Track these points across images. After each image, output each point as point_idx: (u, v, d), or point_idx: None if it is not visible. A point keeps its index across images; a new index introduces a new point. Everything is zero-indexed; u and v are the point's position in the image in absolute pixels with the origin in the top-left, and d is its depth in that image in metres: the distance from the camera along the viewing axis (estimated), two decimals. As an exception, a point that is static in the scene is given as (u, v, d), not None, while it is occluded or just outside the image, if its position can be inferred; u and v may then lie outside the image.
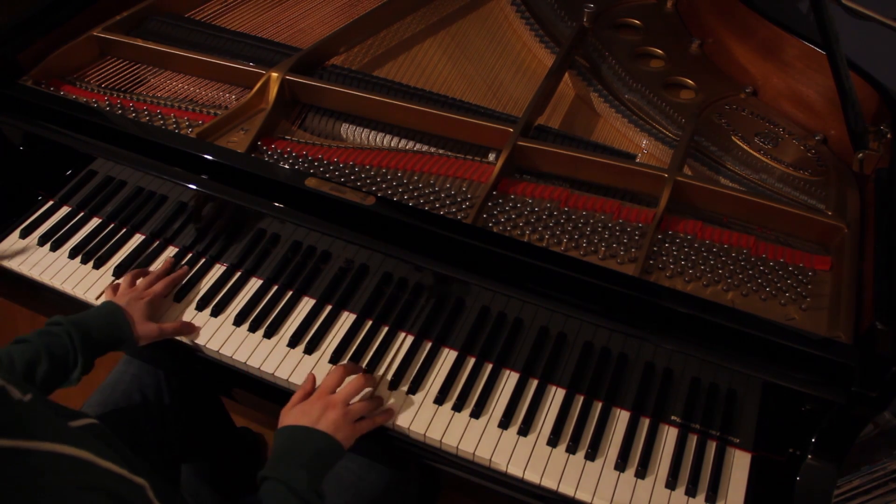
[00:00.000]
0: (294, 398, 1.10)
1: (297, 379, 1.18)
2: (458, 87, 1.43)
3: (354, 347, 1.21)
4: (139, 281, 1.23)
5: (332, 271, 1.24)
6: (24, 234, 1.37)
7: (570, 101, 1.45)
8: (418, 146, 1.36)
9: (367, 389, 1.14)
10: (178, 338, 1.22)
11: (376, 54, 1.49)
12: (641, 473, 1.09)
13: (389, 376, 1.17)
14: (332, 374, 1.12)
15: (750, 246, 1.17)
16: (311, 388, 1.11)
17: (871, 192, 1.21)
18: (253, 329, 1.23)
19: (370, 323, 1.24)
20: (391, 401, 1.15)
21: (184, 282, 1.29)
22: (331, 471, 1.17)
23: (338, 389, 1.10)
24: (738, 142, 1.34)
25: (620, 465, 1.09)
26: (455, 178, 1.26)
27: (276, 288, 1.28)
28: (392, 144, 1.37)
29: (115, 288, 1.24)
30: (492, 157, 1.31)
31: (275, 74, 1.35)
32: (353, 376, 1.14)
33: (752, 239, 1.18)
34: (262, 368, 1.19)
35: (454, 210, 1.20)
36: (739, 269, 1.13)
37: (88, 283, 1.29)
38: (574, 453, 1.11)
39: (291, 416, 1.06)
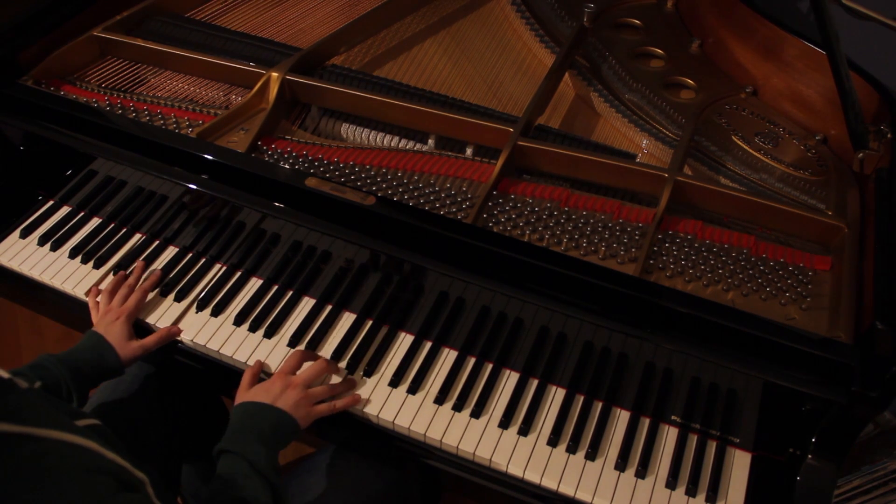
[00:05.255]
0: (244, 380, 1.13)
1: (298, 379, 1.18)
2: (458, 87, 1.43)
3: (355, 347, 1.21)
4: (115, 297, 1.23)
5: (332, 271, 1.24)
6: (24, 234, 1.37)
7: (570, 100, 1.45)
8: (418, 146, 1.36)
9: (330, 375, 1.16)
10: (178, 338, 1.23)
11: (376, 54, 1.49)
12: (641, 473, 1.09)
13: (389, 376, 1.17)
14: (292, 356, 1.15)
15: (750, 246, 1.17)
16: (258, 370, 1.16)
17: (872, 192, 1.21)
18: (253, 329, 1.23)
19: (370, 323, 1.24)
20: (389, 400, 1.15)
21: (184, 281, 1.29)
22: (330, 470, 1.18)
23: (298, 372, 1.13)
24: (738, 142, 1.34)
25: (620, 465, 1.09)
26: (455, 178, 1.26)
27: (276, 288, 1.28)
28: (392, 144, 1.37)
29: (97, 306, 1.23)
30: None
31: (275, 74, 1.35)
32: (314, 361, 1.16)
33: (752, 239, 1.18)
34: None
35: (454, 210, 1.20)
36: (739, 269, 1.13)
37: (88, 283, 1.29)
38: (574, 453, 1.11)
39: (251, 393, 1.09)
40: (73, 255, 1.33)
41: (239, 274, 1.30)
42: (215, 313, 1.25)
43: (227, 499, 0.94)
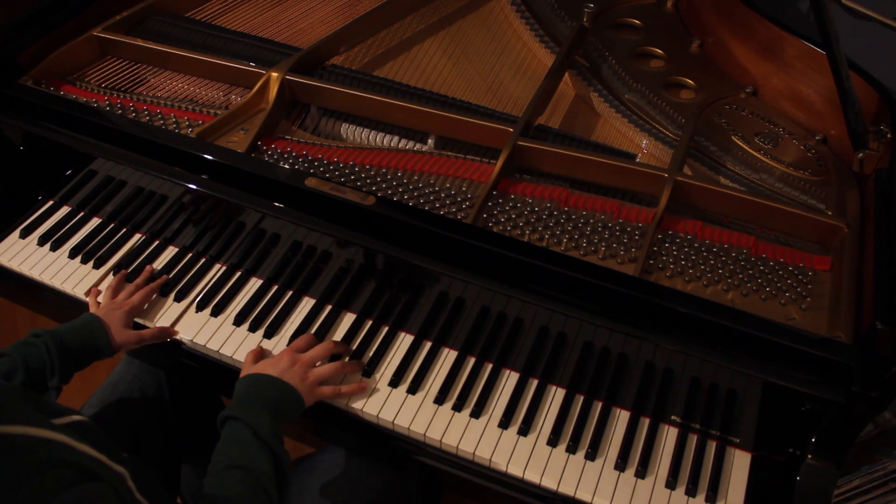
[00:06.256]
0: (248, 358, 1.15)
1: (297, 379, 1.18)
2: (458, 87, 1.43)
3: (355, 347, 1.21)
4: (120, 294, 1.23)
5: (332, 271, 1.24)
6: (24, 234, 1.37)
7: (570, 101, 1.45)
8: (418, 146, 1.36)
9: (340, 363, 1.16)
10: (177, 338, 1.23)
11: (376, 54, 1.49)
12: (641, 473, 1.09)
13: (389, 376, 1.17)
14: (302, 337, 1.17)
15: (750, 246, 1.17)
16: (259, 352, 1.17)
17: (871, 191, 1.21)
18: (253, 329, 1.23)
19: (370, 323, 1.24)
20: (389, 399, 1.15)
21: (184, 281, 1.29)
22: (330, 470, 1.18)
23: (307, 352, 1.14)
24: (738, 141, 1.34)
25: (620, 465, 1.09)
26: (455, 178, 1.26)
27: (276, 288, 1.28)
28: (392, 144, 1.37)
29: (97, 302, 1.24)
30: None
31: (275, 74, 1.35)
32: (324, 342, 1.17)
33: (752, 239, 1.18)
34: (262, 368, 1.19)
35: (454, 210, 1.20)
36: (739, 269, 1.13)
37: (88, 283, 1.29)
38: (574, 453, 1.11)
39: (258, 366, 1.10)
40: (72, 255, 1.33)
41: (239, 274, 1.30)
42: (215, 313, 1.25)
43: (229, 463, 0.94)
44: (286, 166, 1.25)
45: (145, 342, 1.19)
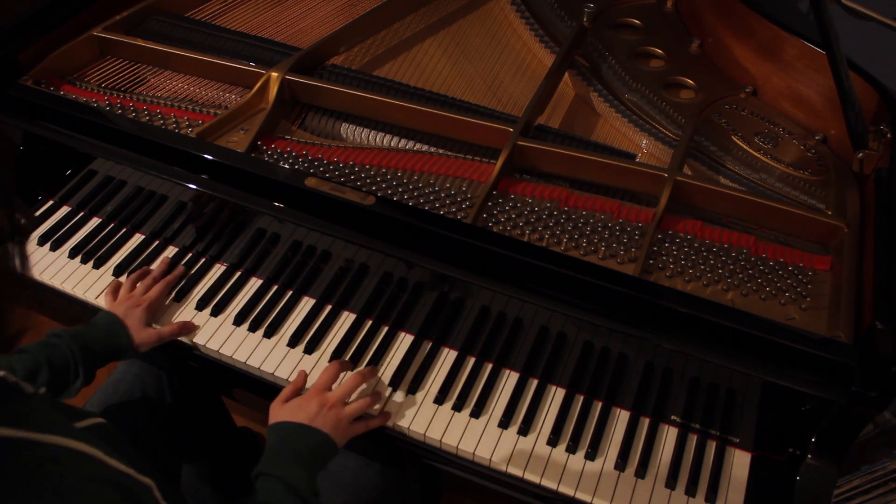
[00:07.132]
0: (284, 393, 1.09)
1: (297, 379, 1.18)
2: (458, 87, 1.43)
3: (354, 347, 1.21)
4: (138, 286, 1.23)
5: (332, 271, 1.24)
6: (24, 234, 1.37)
7: (570, 100, 1.45)
8: (418, 146, 1.36)
9: (363, 387, 1.14)
10: (178, 338, 1.22)
11: (376, 54, 1.49)
12: (641, 473, 1.09)
13: (389, 376, 1.17)
14: (328, 371, 1.12)
15: (750, 246, 1.17)
16: (302, 384, 1.12)
17: (871, 191, 1.21)
18: (253, 329, 1.23)
19: (370, 323, 1.24)
20: (390, 401, 1.15)
21: (184, 281, 1.29)
22: (330, 470, 1.18)
23: (333, 387, 1.10)
24: (738, 141, 1.34)
25: (620, 465, 1.09)
26: (455, 178, 1.26)
27: (275, 288, 1.28)
28: (392, 144, 1.37)
29: (114, 291, 1.24)
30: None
31: (275, 74, 1.35)
32: (348, 374, 1.14)
33: (752, 239, 1.18)
34: (262, 368, 1.19)
35: (454, 210, 1.20)
36: (739, 269, 1.13)
37: (88, 283, 1.29)
38: (574, 453, 1.11)
39: (286, 411, 1.06)
40: (72, 254, 1.33)
41: (239, 274, 1.30)
42: (215, 313, 1.25)
43: None
44: (286, 166, 1.25)
45: (165, 340, 1.19)
